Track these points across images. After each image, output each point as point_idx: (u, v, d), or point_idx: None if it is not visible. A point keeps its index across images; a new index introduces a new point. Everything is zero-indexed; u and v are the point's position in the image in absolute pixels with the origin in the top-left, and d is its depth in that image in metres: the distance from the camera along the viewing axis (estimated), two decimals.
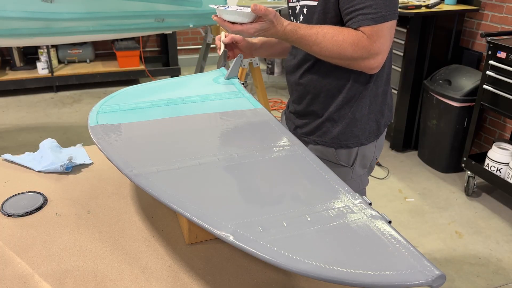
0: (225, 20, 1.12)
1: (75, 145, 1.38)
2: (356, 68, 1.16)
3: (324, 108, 1.27)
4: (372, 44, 1.10)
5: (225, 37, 1.34)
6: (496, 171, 2.64)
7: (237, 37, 1.35)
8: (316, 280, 0.81)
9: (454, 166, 3.09)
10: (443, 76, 3.04)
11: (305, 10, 1.22)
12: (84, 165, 1.28)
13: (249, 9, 1.07)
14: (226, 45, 1.34)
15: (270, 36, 1.15)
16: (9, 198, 1.12)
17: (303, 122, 1.33)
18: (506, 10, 2.89)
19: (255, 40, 1.42)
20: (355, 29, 1.11)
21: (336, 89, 1.24)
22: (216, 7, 1.14)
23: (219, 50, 1.34)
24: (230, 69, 1.31)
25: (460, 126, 2.96)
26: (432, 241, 2.44)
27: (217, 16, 1.15)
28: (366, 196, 0.80)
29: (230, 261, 0.92)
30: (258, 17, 1.09)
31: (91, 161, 1.30)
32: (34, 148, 1.36)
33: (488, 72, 2.54)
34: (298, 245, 0.65)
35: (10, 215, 1.05)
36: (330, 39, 1.11)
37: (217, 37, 1.36)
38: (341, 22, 1.16)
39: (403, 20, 3.05)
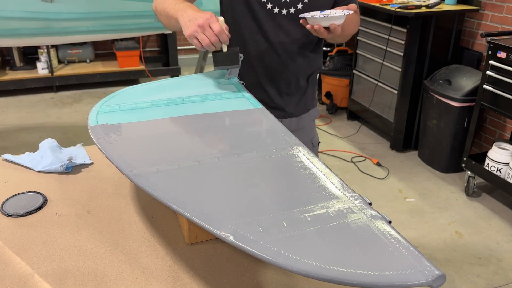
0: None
1: (75, 145, 1.38)
2: None
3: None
4: None
5: None
6: (496, 171, 2.64)
7: None
8: (316, 280, 0.81)
9: (454, 166, 3.09)
10: (443, 76, 3.04)
11: None
12: (84, 165, 1.28)
13: (341, 11, 1.15)
14: None
15: None
16: (9, 198, 1.11)
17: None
18: (506, 10, 2.89)
19: None
20: None
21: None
22: (315, 16, 1.15)
23: None
24: (230, 69, 1.31)
25: (460, 126, 2.96)
26: (432, 241, 2.44)
27: (311, 24, 1.15)
28: (365, 197, 0.81)
29: (230, 261, 0.92)
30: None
31: (91, 161, 1.30)
32: (34, 148, 1.35)
33: (488, 72, 2.54)
34: (298, 245, 0.65)
35: (10, 215, 1.05)
36: None
37: None
38: None
39: (403, 20, 3.05)
